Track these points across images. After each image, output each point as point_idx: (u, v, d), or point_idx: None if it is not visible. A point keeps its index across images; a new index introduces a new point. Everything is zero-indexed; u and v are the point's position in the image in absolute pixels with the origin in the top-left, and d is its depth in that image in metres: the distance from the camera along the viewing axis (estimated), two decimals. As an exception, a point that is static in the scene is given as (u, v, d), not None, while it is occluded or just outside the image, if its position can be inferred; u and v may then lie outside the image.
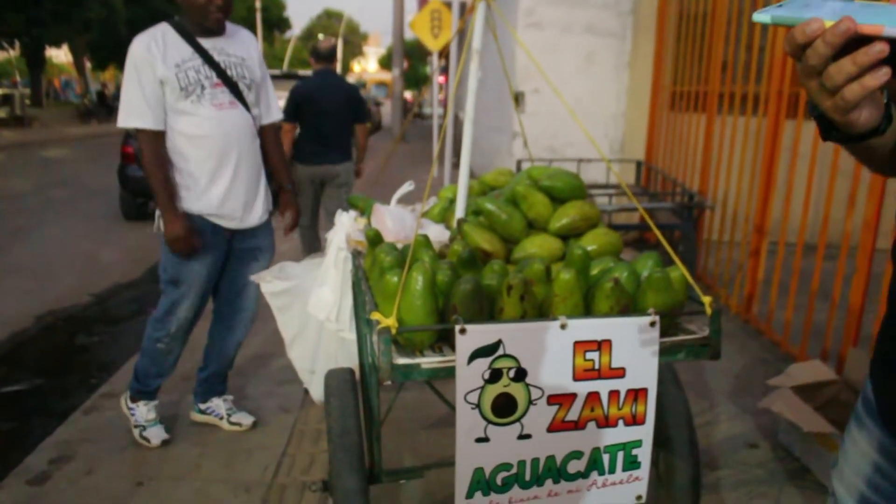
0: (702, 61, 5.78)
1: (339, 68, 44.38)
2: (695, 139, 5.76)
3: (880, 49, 0.77)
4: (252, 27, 46.25)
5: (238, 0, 46.38)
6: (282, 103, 15.37)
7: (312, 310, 2.75)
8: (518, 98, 6.88)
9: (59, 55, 46.61)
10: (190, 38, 2.96)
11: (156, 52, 2.87)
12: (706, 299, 1.70)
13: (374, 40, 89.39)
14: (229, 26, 3.13)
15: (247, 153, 3.09)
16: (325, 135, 5.65)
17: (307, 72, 22.84)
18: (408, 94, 28.83)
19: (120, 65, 39.31)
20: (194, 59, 2.94)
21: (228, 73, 3.01)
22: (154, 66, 2.86)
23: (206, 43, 3.00)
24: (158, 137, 2.92)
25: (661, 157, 6.56)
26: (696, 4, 5.90)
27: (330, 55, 5.95)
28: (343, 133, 5.75)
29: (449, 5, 11.22)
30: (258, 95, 3.19)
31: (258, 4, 46.10)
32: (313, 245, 5.78)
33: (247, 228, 3.17)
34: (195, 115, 2.93)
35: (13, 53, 34.03)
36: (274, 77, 13.83)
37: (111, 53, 40.99)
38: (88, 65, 44.55)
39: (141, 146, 2.92)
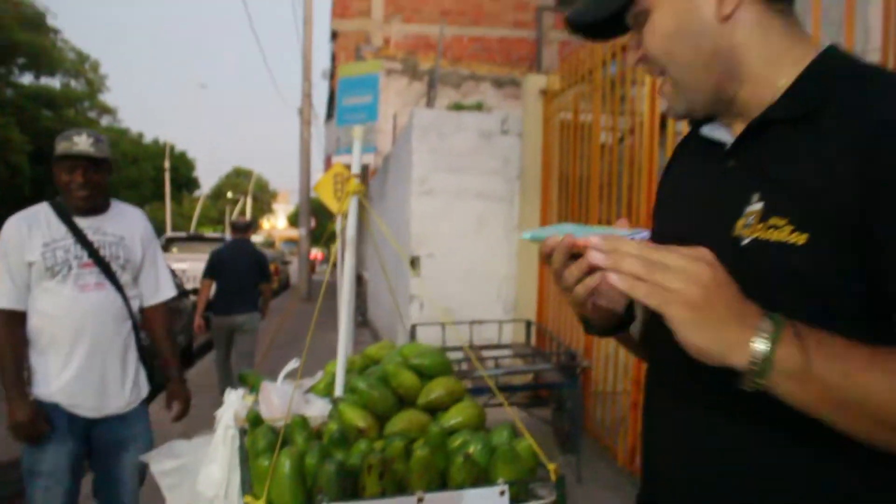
0: (581, 222, 6.24)
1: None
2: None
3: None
4: (160, 187, 46.50)
5: (147, 160, 46.79)
6: (188, 265, 15.56)
7: (201, 487, 2.82)
8: (414, 262, 7.21)
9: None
10: (65, 217, 2.98)
11: (25, 233, 2.91)
12: (551, 466, 1.90)
13: (283, 197, 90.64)
14: (116, 205, 3.17)
15: (106, 337, 2.99)
16: (235, 291, 6.95)
17: (215, 234, 23.11)
18: (316, 252, 29.24)
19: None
20: (66, 238, 2.94)
21: (101, 252, 2.99)
22: (22, 248, 2.89)
23: (82, 222, 3.00)
24: (16, 317, 2.88)
25: (550, 317, 6.92)
26: (575, 169, 6.42)
27: (245, 228, 7.51)
28: (250, 290, 7.08)
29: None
30: (138, 275, 3.16)
31: (167, 164, 46.55)
32: (226, 380, 7.01)
33: (110, 417, 3.02)
34: (56, 296, 2.89)
35: None
36: (180, 239, 13.99)
37: (14, 212, 40.40)
38: (-11, 225, 43.66)
39: None
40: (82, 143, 2.95)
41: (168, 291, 3.31)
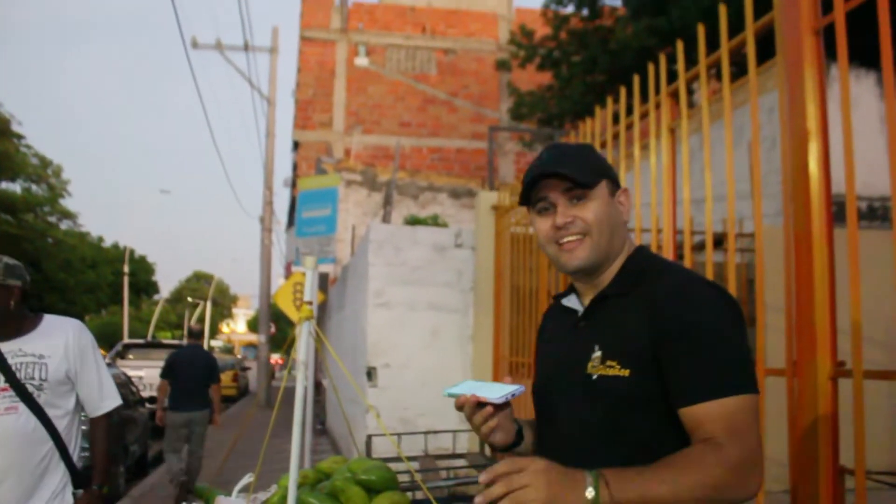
0: (533, 332, 6.49)
1: (207, 329, 44.02)
2: (530, 411, 6.31)
3: (488, 410, 1.63)
4: (119, 292, 46.15)
5: (104, 264, 46.54)
6: (144, 372, 15.59)
7: None
8: (371, 373, 7.37)
9: None
10: None
11: None
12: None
13: (243, 302, 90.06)
14: (47, 321, 3.12)
15: (15, 463, 2.88)
16: (190, 390, 7.93)
17: (173, 340, 23.00)
18: (276, 357, 29.06)
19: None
20: None
21: (17, 375, 2.91)
22: None
23: (4, 345, 2.96)
24: None
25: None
26: (526, 281, 6.71)
27: (198, 334, 8.82)
28: (202, 390, 8.07)
29: (312, 277, 11.99)
30: (74, 389, 3.11)
31: (126, 268, 46.31)
32: (178, 473, 7.80)
33: None
34: None
35: None
36: (137, 345, 14.09)
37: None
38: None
39: None
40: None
41: (111, 401, 3.23)
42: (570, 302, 1.79)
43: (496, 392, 1.63)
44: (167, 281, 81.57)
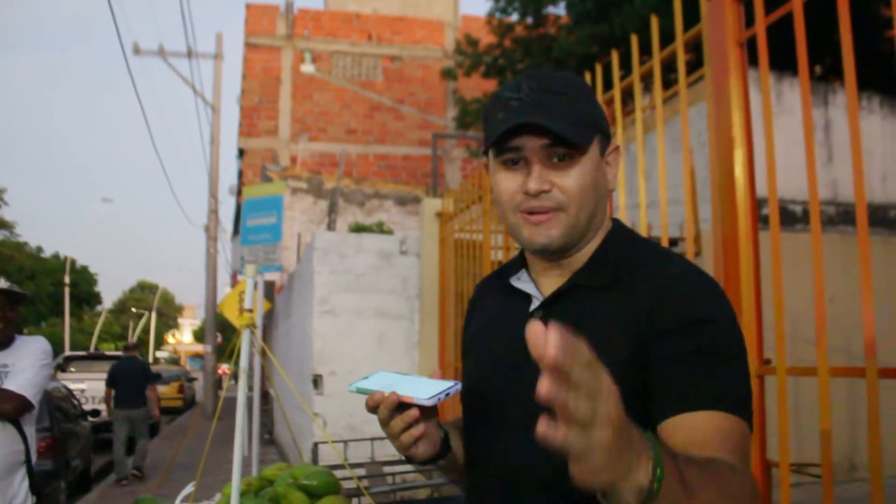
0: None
1: (152, 340, 43.38)
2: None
3: (413, 413, 1.26)
4: (59, 303, 45.08)
5: (44, 274, 45.45)
6: (87, 384, 16.03)
7: None
8: (316, 381, 7.35)
9: None
10: None
11: None
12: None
13: (189, 312, 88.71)
14: (20, 340, 3.38)
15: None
16: (128, 393, 9.93)
17: (115, 352, 22.87)
18: (224, 367, 28.70)
19: None
20: None
21: None
22: None
23: None
24: None
25: (448, 430, 7.12)
26: (470, 287, 6.77)
27: (134, 348, 10.92)
28: (140, 392, 10.14)
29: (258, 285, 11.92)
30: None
31: (67, 279, 45.28)
32: (123, 461, 9.82)
33: None
34: None
35: None
36: (79, 357, 14.38)
37: None
38: None
39: None
40: (0, 281, 3.22)
41: (23, 390, 3.26)
42: (522, 284, 1.41)
43: (425, 390, 1.27)
44: (110, 291, 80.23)
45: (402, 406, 1.27)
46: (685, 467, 0.98)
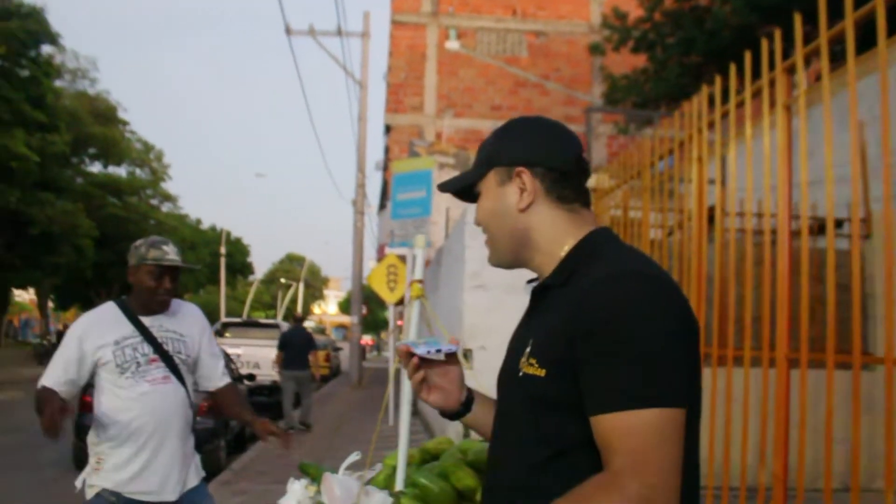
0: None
1: (300, 310, 45.34)
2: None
3: (415, 360, 1.62)
4: (216, 272, 47.60)
5: (202, 245, 48.07)
6: (242, 350, 17.27)
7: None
8: (467, 355, 7.35)
9: (22, 293, 47.09)
10: (132, 316, 3.20)
11: (95, 330, 3.15)
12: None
13: (334, 284, 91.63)
14: (174, 303, 3.36)
15: (173, 427, 3.20)
16: (295, 357, 11.83)
17: (268, 320, 24.23)
18: (367, 339, 29.47)
19: (84, 305, 39.86)
20: (134, 336, 3.18)
21: (165, 347, 3.22)
22: (87, 342, 3.12)
23: (146, 320, 3.22)
24: (56, 395, 3.04)
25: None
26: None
27: (300, 320, 13.23)
28: (304, 356, 11.99)
29: (404, 259, 12.05)
30: (196, 368, 3.40)
31: (223, 250, 47.67)
32: (290, 414, 11.74)
33: (169, 501, 3.20)
34: (127, 391, 3.12)
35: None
36: (235, 324, 15.10)
37: (75, 294, 41.67)
38: (51, 304, 44.88)
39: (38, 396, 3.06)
40: (172, 253, 3.23)
41: (222, 379, 3.53)
42: (530, 286, 1.64)
43: (424, 346, 1.61)
44: (261, 262, 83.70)
45: (424, 361, 1.64)
46: None
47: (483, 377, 7.57)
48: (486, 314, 7.43)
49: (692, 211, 5.34)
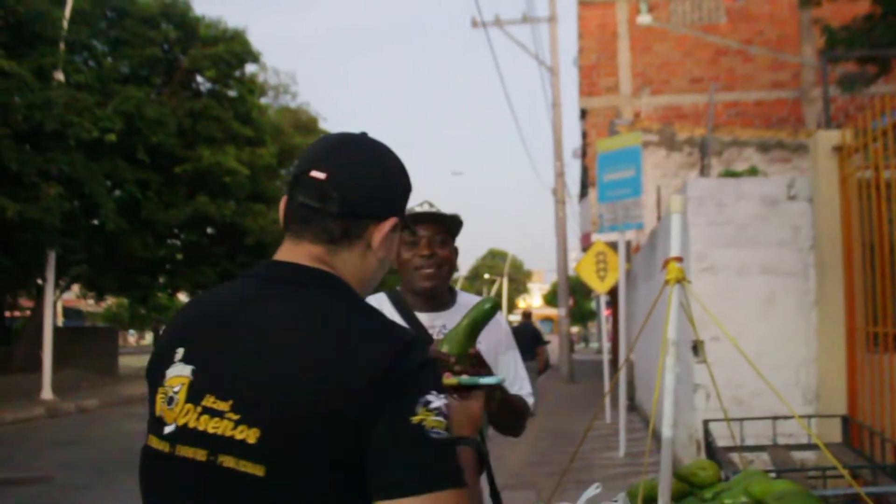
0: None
1: (504, 304, 45.32)
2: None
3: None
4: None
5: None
6: None
7: None
8: (696, 347, 6.52)
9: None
10: (405, 311, 2.43)
11: None
12: None
13: (538, 276, 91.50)
14: (463, 297, 2.59)
15: None
16: (522, 350, 11.06)
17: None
18: (574, 330, 28.83)
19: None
20: None
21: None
22: None
23: (424, 318, 2.43)
24: None
25: (868, 409, 5.90)
26: (884, 236, 5.52)
27: (528, 315, 16.53)
28: (531, 349, 13.76)
29: (614, 246, 11.29)
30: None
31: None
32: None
33: None
34: None
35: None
36: None
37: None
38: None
39: None
40: (426, 205, 2.41)
41: (529, 399, 2.64)
42: None
43: (475, 379, 1.61)
44: (464, 259, 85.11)
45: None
46: None
47: (717, 371, 6.52)
48: (717, 300, 6.54)
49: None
